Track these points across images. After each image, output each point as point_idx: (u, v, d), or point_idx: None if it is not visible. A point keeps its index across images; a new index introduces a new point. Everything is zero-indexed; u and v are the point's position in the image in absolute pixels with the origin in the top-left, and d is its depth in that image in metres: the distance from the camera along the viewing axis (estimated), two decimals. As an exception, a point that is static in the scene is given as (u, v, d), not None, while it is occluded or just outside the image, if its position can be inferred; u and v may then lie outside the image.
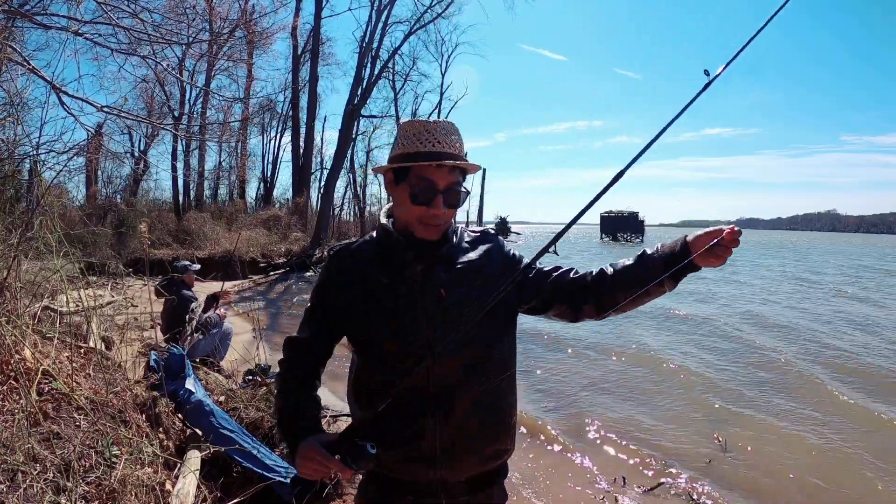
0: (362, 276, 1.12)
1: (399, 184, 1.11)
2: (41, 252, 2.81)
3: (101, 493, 1.71)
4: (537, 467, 3.57)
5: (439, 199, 1.08)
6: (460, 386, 1.07)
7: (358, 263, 1.14)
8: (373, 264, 1.13)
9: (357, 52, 20.77)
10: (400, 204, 1.13)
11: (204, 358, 4.15)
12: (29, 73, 3.84)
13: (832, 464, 3.76)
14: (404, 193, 1.10)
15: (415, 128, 1.11)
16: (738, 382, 5.58)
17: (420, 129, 1.10)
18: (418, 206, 1.08)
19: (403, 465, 1.10)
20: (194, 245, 14.82)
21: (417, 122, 1.12)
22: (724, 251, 0.98)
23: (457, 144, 1.11)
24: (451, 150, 1.09)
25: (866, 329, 8.69)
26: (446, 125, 1.11)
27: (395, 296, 1.09)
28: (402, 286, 1.10)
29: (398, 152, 1.11)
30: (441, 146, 1.08)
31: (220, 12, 14.03)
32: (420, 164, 1.07)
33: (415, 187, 1.08)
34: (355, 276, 1.13)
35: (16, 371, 1.94)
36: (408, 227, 1.12)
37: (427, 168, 1.07)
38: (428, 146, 1.08)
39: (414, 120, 1.14)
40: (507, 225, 44.15)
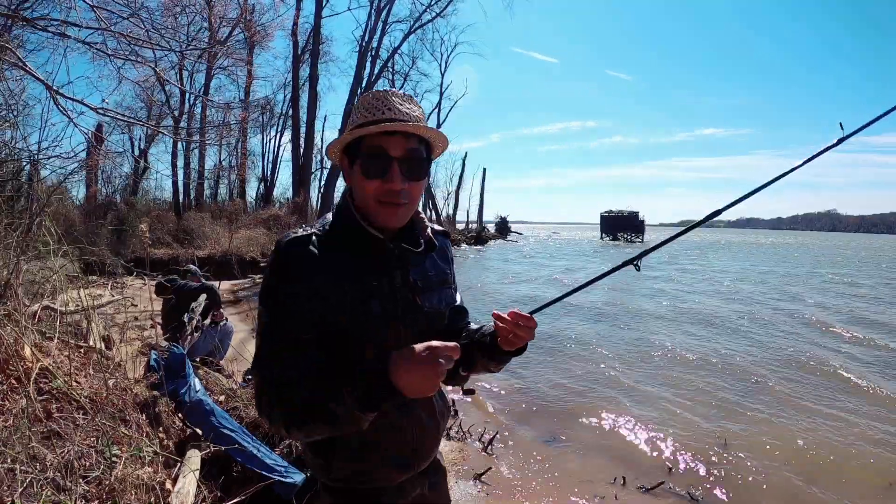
0: (332, 274, 0.95)
1: (353, 165, 0.98)
2: (41, 252, 2.82)
3: (102, 492, 1.71)
4: (536, 467, 3.57)
5: (395, 169, 0.94)
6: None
7: (321, 258, 0.95)
8: (340, 260, 0.97)
9: (357, 51, 20.81)
10: (357, 188, 0.99)
11: (204, 357, 4.15)
12: (25, 75, 3.85)
13: (833, 464, 3.76)
14: (358, 171, 0.97)
15: (366, 100, 0.99)
16: (738, 382, 5.58)
17: (370, 98, 0.98)
18: (372, 180, 0.95)
19: (382, 471, 1.06)
20: (194, 245, 14.79)
21: (369, 94, 1.00)
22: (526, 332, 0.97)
23: (414, 112, 0.98)
24: (404, 117, 0.96)
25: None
26: (399, 92, 1.00)
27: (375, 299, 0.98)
28: (380, 289, 0.99)
29: (350, 128, 0.98)
30: (392, 113, 0.95)
31: (220, 11, 14.04)
32: (370, 134, 0.94)
33: (366, 159, 0.95)
34: (323, 274, 0.94)
35: (16, 370, 1.95)
36: (368, 216, 0.99)
37: (377, 136, 0.94)
38: (378, 114, 0.95)
39: (368, 92, 1.01)
40: (508, 225, 44.18)
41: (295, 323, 0.93)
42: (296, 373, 0.90)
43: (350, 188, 1.04)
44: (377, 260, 1.00)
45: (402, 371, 0.82)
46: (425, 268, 1.08)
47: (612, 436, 4.13)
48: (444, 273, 1.13)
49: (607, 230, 52.06)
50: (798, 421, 4.51)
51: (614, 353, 6.67)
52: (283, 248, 0.95)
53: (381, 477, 1.06)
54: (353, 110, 1.01)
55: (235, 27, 15.60)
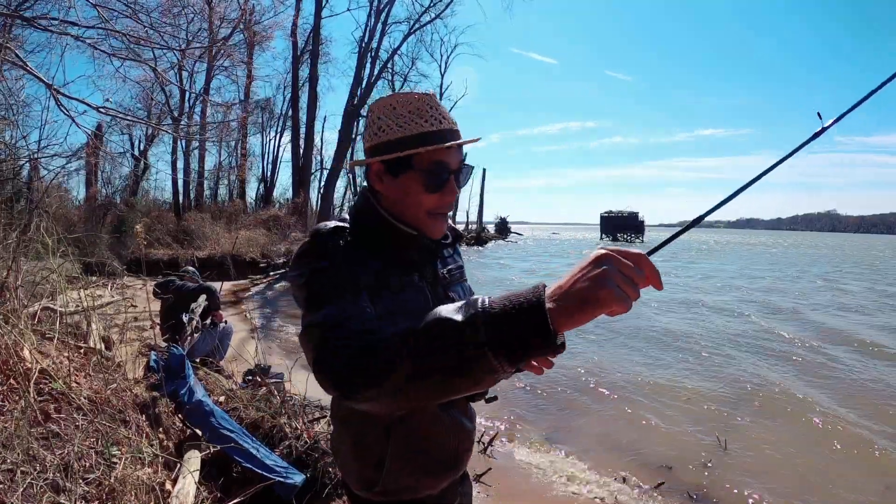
0: (374, 269, 0.92)
1: (399, 174, 0.93)
2: (40, 252, 2.81)
3: (101, 492, 1.71)
4: (536, 468, 3.57)
5: (452, 181, 0.94)
6: None
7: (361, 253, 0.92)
8: (380, 257, 0.94)
9: (356, 52, 20.81)
10: (401, 196, 0.95)
11: (204, 358, 4.15)
12: (24, 74, 3.85)
13: (833, 465, 3.76)
14: (412, 183, 0.93)
15: (409, 103, 0.93)
16: (738, 382, 5.58)
17: (419, 104, 0.92)
18: (432, 194, 0.93)
19: (427, 479, 1.02)
20: (194, 245, 14.79)
21: (410, 96, 0.93)
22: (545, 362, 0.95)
23: (451, 116, 0.96)
24: (453, 124, 0.95)
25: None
26: (433, 93, 0.96)
27: (414, 296, 0.97)
28: (416, 286, 0.99)
29: (394, 136, 0.92)
30: (448, 122, 0.94)
31: (219, 12, 14.04)
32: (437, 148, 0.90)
33: (429, 173, 0.92)
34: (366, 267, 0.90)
35: (15, 371, 1.94)
36: (411, 223, 0.96)
37: (438, 149, 0.91)
38: (436, 124, 0.92)
39: (400, 94, 0.94)
40: (508, 225, 44.16)
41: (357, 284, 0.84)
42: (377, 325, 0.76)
43: (372, 191, 1.00)
44: (409, 256, 0.99)
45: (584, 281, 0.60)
46: (447, 261, 1.10)
47: (612, 436, 4.12)
48: (461, 267, 1.15)
49: (607, 231, 52.09)
50: (797, 421, 4.51)
51: (614, 353, 6.66)
52: (325, 233, 0.91)
53: (426, 485, 1.03)
54: (390, 113, 0.93)
55: (236, 28, 15.60)
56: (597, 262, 0.60)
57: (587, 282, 0.59)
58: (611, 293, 0.58)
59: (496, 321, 0.61)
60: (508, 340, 0.60)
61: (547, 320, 0.59)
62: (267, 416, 2.86)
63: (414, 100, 0.93)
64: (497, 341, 0.60)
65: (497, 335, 0.60)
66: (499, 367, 0.61)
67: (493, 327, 0.60)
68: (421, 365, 0.64)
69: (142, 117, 12.74)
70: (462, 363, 0.62)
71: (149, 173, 19.38)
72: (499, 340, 0.60)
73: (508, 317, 0.60)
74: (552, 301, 0.60)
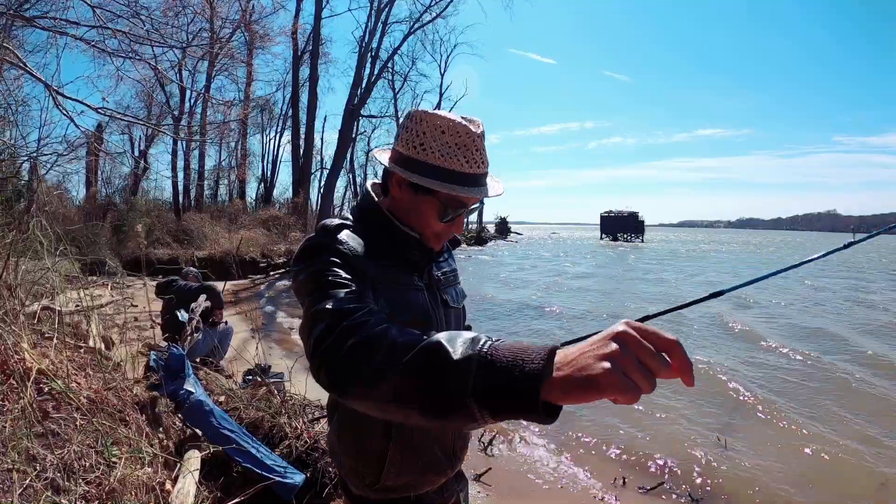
0: (378, 265, 0.93)
1: (419, 193, 0.94)
2: (39, 252, 2.81)
3: (101, 492, 1.70)
4: (536, 468, 3.57)
5: (463, 216, 0.98)
6: None
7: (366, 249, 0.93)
8: (383, 255, 0.96)
9: (356, 52, 20.82)
10: (412, 210, 0.97)
11: (204, 358, 4.14)
12: (23, 74, 3.85)
13: (833, 465, 3.76)
14: (427, 206, 0.95)
15: (457, 134, 0.90)
16: (737, 383, 5.58)
17: (466, 139, 0.90)
18: (442, 223, 0.97)
19: (427, 475, 1.04)
20: (194, 245, 14.79)
21: (460, 127, 0.90)
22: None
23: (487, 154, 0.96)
24: (488, 166, 0.95)
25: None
26: (482, 131, 0.94)
27: (415, 296, 1.00)
28: (416, 287, 1.01)
29: (433, 161, 0.90)
30: (484, 166, 0.94)
31: (220, 12, 14.03)
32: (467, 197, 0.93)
33: (447, 206, 0.94)
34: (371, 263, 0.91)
35: (14, 371, 1.94)
36: (414, 229, 0.99)
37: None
38: (474, 167, 0.92)
39: (453, 120, 0.91)
40: (507, 225, 44.17)
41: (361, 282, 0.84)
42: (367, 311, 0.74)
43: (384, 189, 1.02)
44: (411, 256, 1.00)
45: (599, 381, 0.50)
46: (442, 265, 1.12)
47: (612, 436, 4.12)
48: (454, 270, 1.17)
49: (607, 230, 52.12)
50: (795, 421, 4.50)
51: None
52: (332, 228, 0.93)
53: (427, 482, 1.05)
54: (437, 136, 0.90)
55: (237, 28, 15.60)
56: (611, 338, 0.51)
57: (591, 359, 0.50)
58: (614, 380, 0.48)
59: (490, 373, 0.54)
60: (494, 398, 0.54)
61: (537, 395, 0.51)
62: (267, 415, 2.85)
63: (464, 134, 0.90)
64: (482, 394, 0.54)
65: (485, 388, 0.54)
66: (479, 418, 0.55)
67: (485, 379, 0.54)
68: (407, 387, 0.60)
69: (142, 117, 12.74)
70: (443, 403, 0.57)
71: (149, 173, 19.38)
72: (484, 393, 0.54)
73: (504, 372, 0.53)
74: (557, 370, 0.52)
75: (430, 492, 1.06)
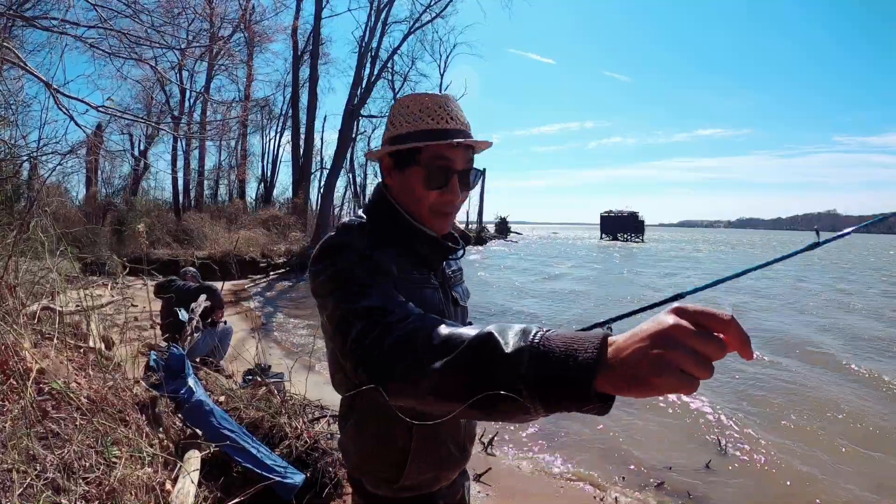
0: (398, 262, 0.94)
1: (405, 168, 0.96)
2: (39, 252, 2.81)
3: (101, 492, 1.70)
4: (537, 467, 3.57)
5: (455, 180, 0.96)
6: None
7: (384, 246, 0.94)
8: (398, 251, 0.96)
9: (356, 52, 20.78)
10: (406, 191, 0.98)
11: (204, 358, 4.14)
12: (24, 74, 3.85)
13: (833, 465, 3.76)
14: (415, 177, 0.96)
15: (422, 102, 0.96)
16: (738, 383, 5.58)
17: (429, 103, 0.96)
18: (432, 190, 0.96)
19: (438, 474, 1.05)
20: (194, 245, 14.79)
21: (424, 96, 0.97)
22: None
23: (465, 120, 0.99)
24: (463, 126, 0.98)
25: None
26: (453, 99, 0.99)
27: (431, 294, 1.00)
28: (433, 285, 1.02)
29: (403, 131, 0.96)
30: (455, 122, 0.96)
31: (220, 12, 14.03)
32: (437, 144, 0.93)
33: (430, 169, 0.94)
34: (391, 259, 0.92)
35: (14, 371, 1.94)
36: (418, 219, 0.99)
37: (443, 148, 0.94)
38: (442, 123, 0.95)
39: (417, 94, 0.99)
40: (508, 225, 44.17)
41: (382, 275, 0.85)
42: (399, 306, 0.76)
43: (385, 185, 1.03)
44: (422, 251, 1.00)
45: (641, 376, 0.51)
46: (450, 263, 1.13)
47: (612, 435, 4.12)
48: (461, 269, 1.19)
49: (607, 230, 52.15)
50: (794, 422, 4.51)
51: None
52: (353, 227, 0.95)
53: (443, 477, 1.06)
54: (404, 111, 0.97)
55: (236, 28, 15.59)
56: (664, 334, 0.49)
57: (645, 360, 0.49)
58: (668, 381, 0.47)
59: (543, 364, 0.54)
60: (548, 389, 0.54)
61: (591, 385, 0.52)
62: (267, 415, 2.85)
63: (426, 99, 0.97)
64: (535, 385, 0.54)
65: (538, 380, 0.54)
66: (531, 410, 0.55)
67: (538, 370, 0.54)
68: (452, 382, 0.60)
69: (142, 115, 12.73)
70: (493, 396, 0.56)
71: (149, 173, 19.37)
72: (537, 384, 0.54)
73: (558, 363, 0.53)
74: (611, 365, 0.52)
75: (443, 486, 1.07)
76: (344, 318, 0.77)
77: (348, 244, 0.89)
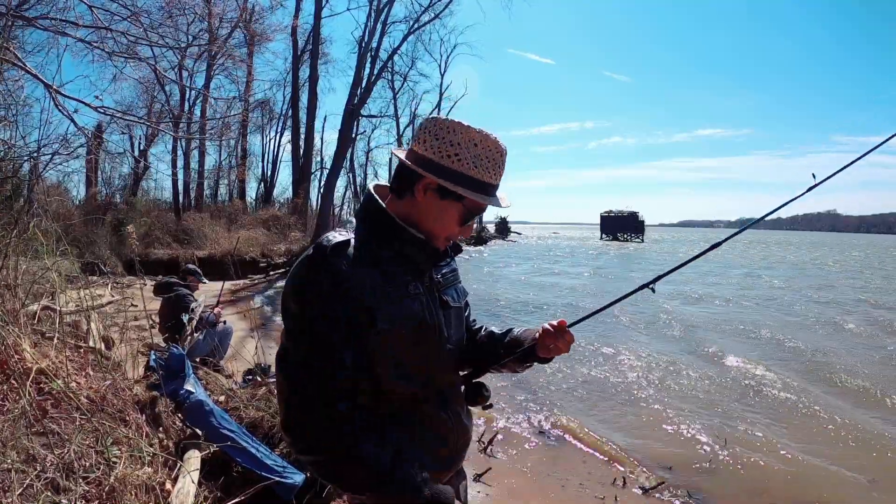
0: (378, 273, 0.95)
1: (445, 198, 0.98)
2: (39, 252, 2.81)
3: (101, 492, 1.70)
4: (536, 467, 3.57)
5: (474, 222, 1.09)
6: (453, 385, 1.13)
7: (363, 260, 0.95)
8: (383, 260, 0.97)
9: (356, 52, 20.79)
10: (433, 216, 1.00)
11: (204, 358, 4.14)
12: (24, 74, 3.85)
13: (832, 464, 3.76)
14: (451, 212, 1.00)
15: (490, 151, 0.98)
16: (736, 383, 5.58)
17: (496, 156, 0.99)
18: (459, 225, 1.03)
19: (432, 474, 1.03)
20: (194, 245, 14.78)
21: (494, 144, 0.98)
22: (564, 344, 1.08)
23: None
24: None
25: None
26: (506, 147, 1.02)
27: (418, 298, 1.01)
28: (420, 288, 1.02)
29: (467, 173, 0.96)
30: (501, 178, 1.03)
31: (219, 12, 14.00)
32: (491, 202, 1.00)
33: (470, 212, 1.01)
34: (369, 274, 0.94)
35: (14, 370, 1.94)
36: (424, 234, 1.01)
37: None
38: (496, 179, 1.00)
39: (486, 136, 0.98)
40: (507, 225, 44.16)
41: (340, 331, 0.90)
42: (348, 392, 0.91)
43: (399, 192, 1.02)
44: (414, 258, 1.02)
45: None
46: (441, 266, 1.13)
47: (612, 435, 4.12)
48: (454, 269, 1.19)
49: (607, 230, 52.12)
50: (792, 421, 4.51)
51: (613, 352, 6.66)
52: (328, 253, 0.93)
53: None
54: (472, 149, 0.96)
55: (235, 28, 15.56)
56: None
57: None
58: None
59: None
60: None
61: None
62: (267, 415, 2.85)
63: (496, 150, 0.99)
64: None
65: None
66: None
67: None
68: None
69: (142, 116, 12.72)
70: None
71: (149, 173, 19.36)
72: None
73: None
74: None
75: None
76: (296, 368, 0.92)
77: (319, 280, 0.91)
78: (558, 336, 1.07)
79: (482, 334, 1.25)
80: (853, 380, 5.70)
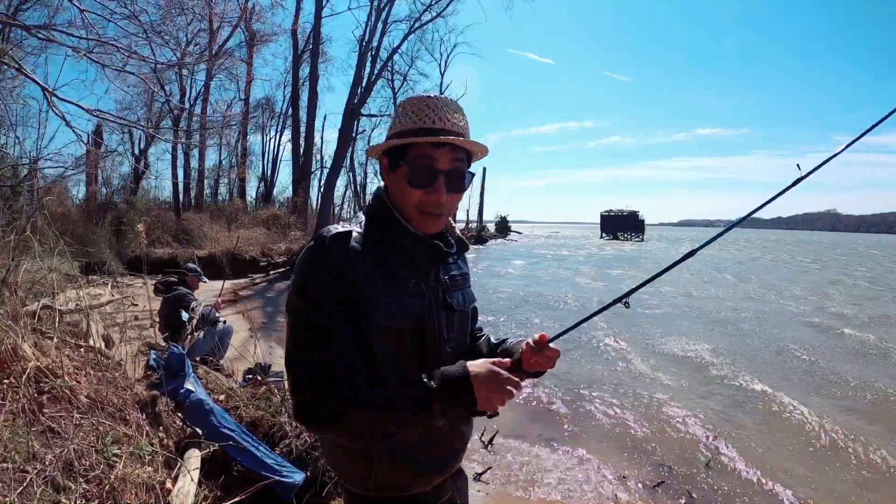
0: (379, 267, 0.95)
1: (395, 169, 0.97)
2: (39, 252, 2.81)
3: (102, 491, 1.71)
4: (537, 467, 3.57)
5: (440, 180, 0.95)
6: None
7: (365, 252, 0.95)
8: (385, 255, 0.97)
9: (356, 51, 20.76)
10: (397, 191, 0.99)
11: (204, 357, 4.14)
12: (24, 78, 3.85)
13: (832, 464, 3.76)
14: (401, 178, 0.97)
15: (414, 104, 0.98)
16: (736, 383, 5.58)
17: (420, 104, 0.97)
18: (416, 189, 0.96)
19: (422, 476, 1.05)
20: (194, 244, 14.78)
21: (417, 98, 0.99)
22: (545, 360, 1.00)
23: (461, 123, 0.99)
24: (454, 127, 0.97)
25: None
26: (450, 101, 1.00)
27: (419, 295, 1.00)
28: (422, 286, 1.01)
29: (395, 131, 0.98)
30: (443, 123, 0.96)
31: (219, 12, 13.99)
32: (419, 142, 0.94)
33: (413, 167, 0.95)
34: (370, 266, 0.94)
35: (14, 370, 1.94)
36: (405, 219, 1.00)
37: (427, 146, 0.94)
38: (428, 122, 0.95)
39: (414, 96, 1.00)
40: (508, 224, 44.13)
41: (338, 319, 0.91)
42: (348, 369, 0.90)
43: (385, 187, 1.05)
44: (415, 258, 1.01)
45: (485, 390, 0.89)
46: (450, 267, 1.11)
47: (612, 435, 4.12)
48: (465, 273, 1.17)
49: (607, 230, 52.10)
50: (793, 421, 4.51)
51: (613, 352, 6.66)
52: (327, 242, 0.94)
53: (420, 482, 1.05)
54: (401, 111, 1.00)
55: (235, 29, 15.57)
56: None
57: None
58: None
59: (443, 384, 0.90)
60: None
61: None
62: (267, 414, 2.85)
63: (420, 100, 0.99)
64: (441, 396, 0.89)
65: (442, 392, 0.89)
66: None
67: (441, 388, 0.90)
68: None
69: (143, 116, 12.72)
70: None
71: (149, 172, 19.34)
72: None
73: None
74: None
75: (425, 491, 1.06)
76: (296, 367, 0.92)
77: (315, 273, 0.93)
78: (539, 352, 1.00)
79: (480, 342, 1.21)
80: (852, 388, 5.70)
